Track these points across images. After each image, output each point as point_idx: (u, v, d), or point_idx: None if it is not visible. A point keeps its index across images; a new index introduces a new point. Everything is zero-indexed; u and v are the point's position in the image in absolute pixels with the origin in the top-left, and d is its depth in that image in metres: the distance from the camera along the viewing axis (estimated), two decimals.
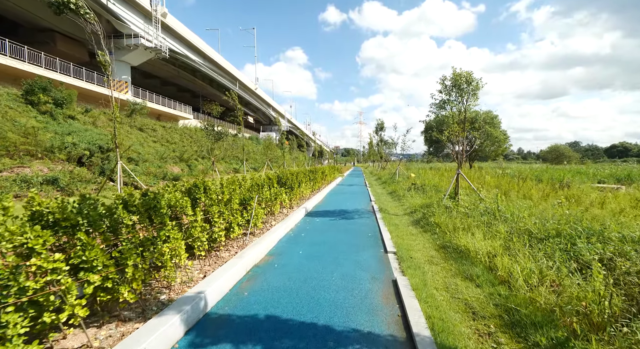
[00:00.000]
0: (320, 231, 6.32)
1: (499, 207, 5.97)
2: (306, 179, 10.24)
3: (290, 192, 7.97)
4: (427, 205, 8.31)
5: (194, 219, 3.50)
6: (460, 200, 7.70)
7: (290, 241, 5.52)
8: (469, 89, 7.37)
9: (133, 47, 26.55)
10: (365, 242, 5.51)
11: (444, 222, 6.04)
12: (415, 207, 8.61)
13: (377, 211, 8.60)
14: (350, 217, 7.85)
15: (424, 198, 9.92)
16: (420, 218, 7.17)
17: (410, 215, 7.90)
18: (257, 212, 5.24)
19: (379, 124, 28.81)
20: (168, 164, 17.26)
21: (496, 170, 18.29)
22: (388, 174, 22.57)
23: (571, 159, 60.00)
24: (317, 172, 13.19)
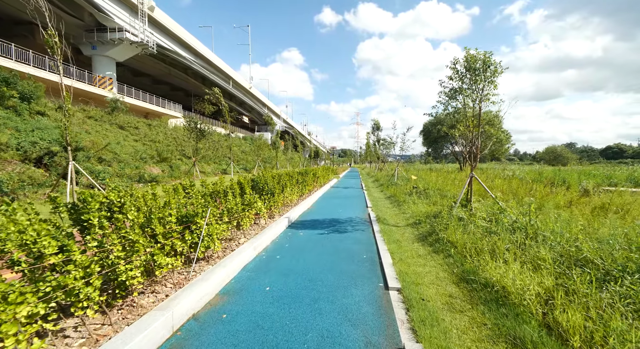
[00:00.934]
0: (302, 250, 4.91)
1: (532, 221, 4.59)
2: (293, 182, 8.83)
3: (270, 199, 6.55)
4: (434, 214, 6.93)
5: (68, 259, 2.08)
6: (474, 209, 6.33)
7: (258, 269, 4.10)
8: (486, 74, 6.01)
9: (118, 41, 25.00)
10: (358, 269, 4.10)
11: (460, 241, 4.66)
12: (419, 216, 7.23)
13: (374, 220, 7.21)
14: (342, 229, 6.44)
15: (429, 205, 8.54)
16: (427, 232, 5.78)
17: (414, 227, 6.51)
18: (213, 231, 3.82)
19: (376, 124, 27.48)
20: (147, 164, 15.77)
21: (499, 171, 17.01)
22: (385, 175, 21.21)
23: (569, 160, 59.19)
24: (308, 175, 11.79)
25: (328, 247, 5.07)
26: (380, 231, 6.10)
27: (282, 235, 5.92)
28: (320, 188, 14.34)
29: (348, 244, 5.31)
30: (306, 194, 11.39)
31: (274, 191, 6.65)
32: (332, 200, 11.33)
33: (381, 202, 10.46)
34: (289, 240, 5.53)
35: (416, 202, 9.16)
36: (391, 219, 7.53)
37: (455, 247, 4.63)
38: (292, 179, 8.97)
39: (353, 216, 8.06)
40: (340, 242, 5.38)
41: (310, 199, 10.45)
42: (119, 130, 19.06)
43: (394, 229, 6.41)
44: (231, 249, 4.53)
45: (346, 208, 9.35)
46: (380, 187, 15.69)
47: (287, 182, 7.85)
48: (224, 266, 3.74)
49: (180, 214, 3.43)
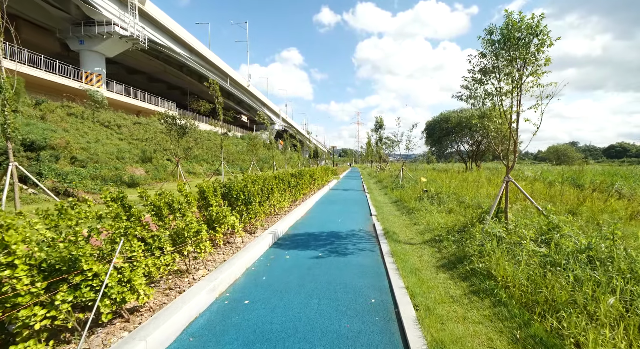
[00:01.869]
0: (285, 289, 3.43)
1: (620, 250, 3.10)
2: (283, 187, 7.36)
3: (249, 211, 5.09)
4: (457, 227, 5.46)
5: None
6: (510, 222, 4.86)
7: (209, 331, 2.62)
8: (528, 48, 4.52)
9: (106, 35, 23.55)
10: (365, 332, 2.63)
11: (510, 276, 3.18)
12: (437, 229, 5.76)
13: (381, 235, 5.73)
14: (341, 249, 4.96)
15: (446, 214, 7.07)
16: (455, 257, 4.29)
17: (433, 245, 5.03)
18: (134, 275, 2.36)
19: (378, 122, 26.00)
20: (129, 165, 14.31)
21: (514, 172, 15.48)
22: (388, 176, 19.72)
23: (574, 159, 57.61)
24: (304, 176, 10.31)
25: (321, 283, 3.59)
26: (391, 252, 4.62)
27: (262, 259, 4.44)
28: (318, 191, 12.87)
29: (349, 275, 3.83)
30: (301, 199, 9.92)
31: (254, 200, 5.18)
32: (330, 206, 9.85)
33: (387, 209, 8.98)
34: (269, 269, 4.05)
35: (429, 209, 7.68)
36: (402, 232, 6.05)
37: (505, 287, 3.15)
38: (282, 182, 7.50)
39: (355, 227, 6.58)
40: (339, 273, 3.90)
41: (306, 205, 8.98)
42: (102, 128, 17.62)
43: (407, 248, 4.94)
44: (179, 291, 3.07)
45: (347, 217, 7.87)
46: (384, 189, 14.20)
47: (274, 187, 6.37)
48: (156, 324, 2.28)
49: (52, 258, 1.94)
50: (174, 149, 12.12)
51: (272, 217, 6.80)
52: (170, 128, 11.71)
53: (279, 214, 7.25)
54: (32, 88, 18.12)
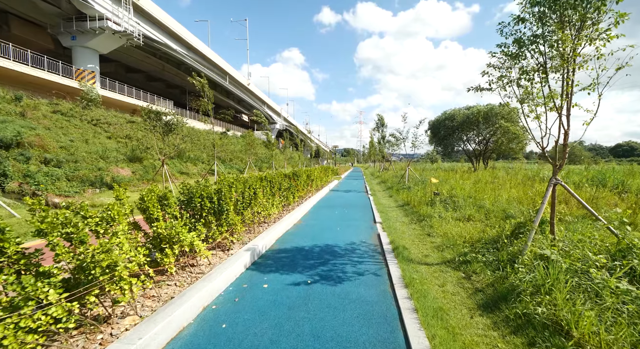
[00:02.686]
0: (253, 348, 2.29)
1: None
2: (272, 190, 6.21)
3: (221, 223, 3.95)
4: (485, 241, 4.28)
5: None
6: (560, 239, 3.67)
7: None
8: None
9: (99, 30, 22.56)
10: None
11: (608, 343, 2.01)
12: (460, 244, 4.58)
13: (388, 251, 4.56)
14: (337, 275, 3.79)
15: (463, 222, 5.88)
16: (495, 291, 3.07)
17: (458, 268, 3.84)
18: None
19: (380, 120, 24.82)
20: (115, 165, 13.26)
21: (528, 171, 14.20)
22: (392, 176, 18.51)
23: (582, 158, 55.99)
24: (300, 177, 9.17)
25: (305, 337, 2.41)
26: (404, 279, 3.44)
27: (231, 291, 3.29)
28: (316, 193, 11.71)
29: (346, 321, 2.65)
30: (296, 203, 8.77)
31: (228, 208, 4.03)
32: (329, 210, 8.68)
33: (393, 214, 7.79)
34: (236, 309, 2.89)
35: (444, 216, 6.49)
36: (414, 247, 4.86)
37: None
38: (271, 185, 6.35)
39: (356, 239, 5.41)
40: (332, 317, 2.72)
41: (301, 210, 7.82)
42: (90, 126, 16.59)
43: (424, 271, 3.76)
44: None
45: (347, 224, 6.70)
46: (389, 191, 13.00)
47: (258, 191, 5.21)
48: None
49: None
50: (158, 147, 11.03)
51: (257, 226, 5.65)
52: (154, 125, 10.60)
53: (266, 222, 6.10)
54: (17, 84, 17.16)
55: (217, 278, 3.26)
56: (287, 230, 6.11)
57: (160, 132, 10.93)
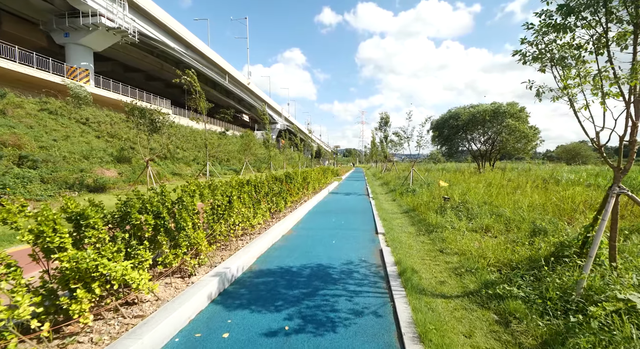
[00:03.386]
0: None
1: None
2: (254, 197, 5.28)
3: (177, 243, 3.04)
4: (517, 264, 3.31)
5: None
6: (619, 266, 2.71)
7: None
8: None
9: (92, 27, 21.80)
10: None
11: None
12: (484, 268, 3.62)
13: (393, 275, 3.61)
14: (325, 314, 2.82)
15: (482, 235, 4.92)
16: None
17: (486, 305, 2.86)
18: None
19: (384, 118, 23.83)
20: (100, 165, 12.41)
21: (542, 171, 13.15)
22: (395, 177, 17.53)
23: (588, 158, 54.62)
24: (294, 180, 8.24)
25: None
26: (418, 330, 2.48)
27: (178, 344, 2.36)
28: (314, 196, 10.78)
29: None
30: (289, 208, 7.84)
31: (186, 225, 3.10)
32: (325, 217, 7.73)
33: (397, 222, 6.83)
34: None
35: (457, 227, 5.52)
36: (426, 269, 3.91)
37: None
38: (257, 190, 5.43)
39: (354, 257, 4.46)
40: None
41: (293, 217, 6.88)
42: (79, 125, 15.77)
43: (441, 309, 2.81)
44: None
45: (344, 236, 5.75)
46: (391, 194, 12.04)
47: (234, 199, 4.28)
48: None
49: None
50: (142, 146, 10.15)
51: (237, 240, 4.72)
52: (138, 122, 9.73)
53: (248, 234, 5.17)
54: (3, 82, 16.37)
55: (160, 323, 2.34)
56: (274, 243, 5.17)
57: (145, 130, 10.05)
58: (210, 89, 42.06)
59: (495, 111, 23.36)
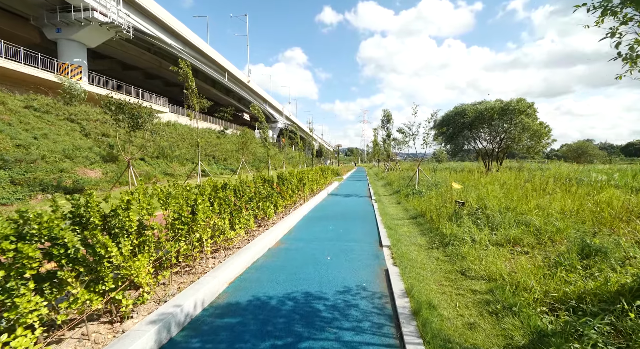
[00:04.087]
0: None
1: None
2: (236, 203, 4.32)
3: (97, 279, 2.10)
4: (577, 297, 2.32)
5: None
6: None
7: None
8: None
9: (84, 22, 20.95)
10: None
11: None
12: (528, 305, 2.64)
13: (406, 314, 2.64)
14: None
15: (510, 250, 3.94)
16: None
17: None
18: None
19: (386, 116, 22.79)
20: (82, 165, 11.53)
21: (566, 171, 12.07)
22: (399, 177, 16.52)
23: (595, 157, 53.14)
24: (287, 181, 7.29)
25: None
26: None
27: None
28: (311, 198, 9.83)
29: None
30: (280, 214, 6.89)
31: (109, 253, 2.15)
32: (321, 224, 6.77)
33: (404, 231, 5.85)
34: None
35: (478, 239, 4.53)
36: (447, 304, 2.93)
37: None
38: (236, 196, 4.48)
39: (352, 283, 3.48)
40: None
41: (285, 224, 5.93)
42: (66, 123, 14.91)
43: None
44: None
45: (341, 250, 4.78)
46: (396, 196, 11.04)
47: (199, 210, 3.31)
48: None
49: None
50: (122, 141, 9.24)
51: (204, 262, 3.77)
52: (118, 118, 8.80)
53: (224, 249, 4.22)
54: None
55: None
56: (256, 261, 4.22)
57: (126, 127, 9.13)
58: (210, 87, 41.22)
59: (504, 107, 22.25)
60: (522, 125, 20.64)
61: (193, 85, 12.24)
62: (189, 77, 12.17)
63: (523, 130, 20.84)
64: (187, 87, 12.42)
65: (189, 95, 12.43)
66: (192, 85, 12.22)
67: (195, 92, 12.82)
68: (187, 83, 12.41)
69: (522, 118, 20.99)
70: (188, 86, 12.40)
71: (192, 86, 12.14)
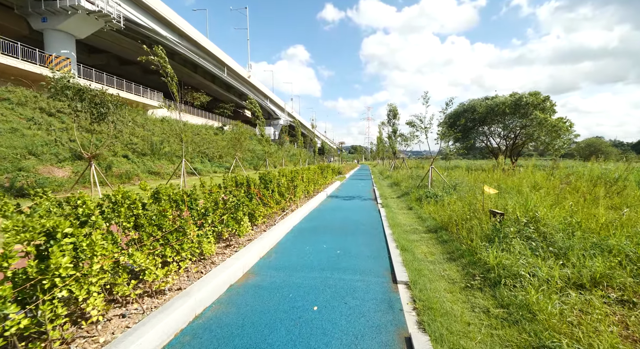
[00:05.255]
0: None
1: None
2: (180, 217, 2.77)
3: None
4: None
5: None
6: None
7: None
8: None
9: (71, 10, 19.49)
10: None
11: None
12: None
13: None
14: None
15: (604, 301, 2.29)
16: None
17: None
18: None
19: (392, 110, 21.06)
20: (49, 163, 10.10)
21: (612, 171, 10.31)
22: (407, 177, 14.86)
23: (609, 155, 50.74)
24: (271, 184, 5.74)
25: None
26: None
27: None
28: (307, 201, 8.27)
29: None
30: (259, 228, 5.33)
31: None
32: (313, 242, 5.20)
33: (423, 251, 4.26)
34: None
35: (546, 276, 2.92)
36: None
37: None
38: (190, 207, 2.92)
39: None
40: None
41: (263, 242, 4.36)
42: (42, 117, 13.52)
43: None
44: None
45: (337, 291, 3.20)
46: (405, 198, 9.42)
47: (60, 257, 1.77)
48: None
49: None
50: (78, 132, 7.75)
51: (103, 325, 2.22)
52: (75, 107, 7.28)
53: (149, 296, 2.67)
54: None
55: None
56: (197, 316, 2.66)
57: (88, 117, 7.63)
58: (210, 82, 39.78)
59: (516, 102, 20.40)
60: (539, 120, 18.79)
61: (171, 70, 10.73)
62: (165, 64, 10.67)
63: (540, 125, 18.99)
64: (164, 73, 10.95)
65: (167, 83, 10.95)
66: (170, 70, 10.72)
67: (176, 80, 11.30)
68: (163, 71, 10.94)
69: (536, 113, 19.13)
70: (165, 73, 10.92)
71: (170, 72, 10.64)
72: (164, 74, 10.82)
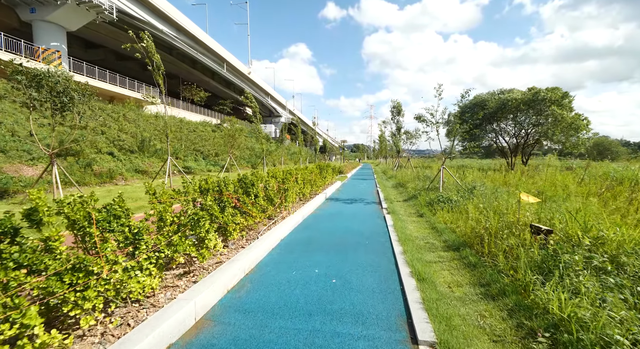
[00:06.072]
0: None
1: None
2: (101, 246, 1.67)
3: None
4: None
5: None
6: None
7: None
8: None
9: (60, 0, 18.49)
10: None
11: None
12: None
13: None
14: None
15: None
16: None
17: None
18: None
19: (396, 107, 19.88)
20: (19, 160, 9.08)
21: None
22: (413, 177, 13.70)
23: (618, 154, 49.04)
24: (255, 188, 4.64)
25: None
26: None
27: None
28: (302, 206, 7.17)
29: None
30: (236, 244, 4.24)
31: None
32: (301, 264, 4.09)
33: (447, 280, 3.15)
34: None
35: (625, 333, 1.78)
36: None
37: None
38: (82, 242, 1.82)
39: None
40: None
41: (235, 267, 3.27)
42: (21, 110, 12.51)
43: None
44: None
45: (334, 338, 2.12)
46: (413, 203, 8.28)
47: None
48: None
49: None
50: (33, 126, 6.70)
51: None
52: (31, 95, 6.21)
53: None
54: None
55: None
56: None
57: (49, 107, 6.56)
58: (209, 79, 38.74)
59: (532, 97, 19.07)
60: (555, 117, 17.48)
61: (157, 59, 9.69)
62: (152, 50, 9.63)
63: (555, 123, 17.68)
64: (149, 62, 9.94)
65: (153, 73, 9.91)
66: (157, 59, 9.69)
67: (163, 71, 10.26)
68: (149, 61, 9.92)
69: (553, 109, 17.81)
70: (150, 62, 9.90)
71: (156, 60, 9.61)
72: (149, 62, 9.79)
